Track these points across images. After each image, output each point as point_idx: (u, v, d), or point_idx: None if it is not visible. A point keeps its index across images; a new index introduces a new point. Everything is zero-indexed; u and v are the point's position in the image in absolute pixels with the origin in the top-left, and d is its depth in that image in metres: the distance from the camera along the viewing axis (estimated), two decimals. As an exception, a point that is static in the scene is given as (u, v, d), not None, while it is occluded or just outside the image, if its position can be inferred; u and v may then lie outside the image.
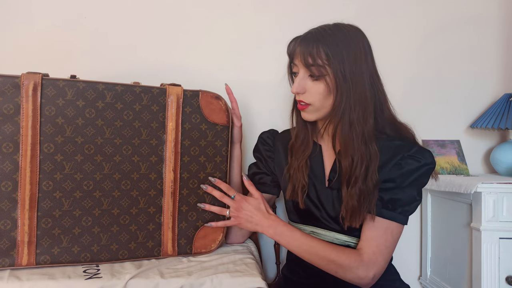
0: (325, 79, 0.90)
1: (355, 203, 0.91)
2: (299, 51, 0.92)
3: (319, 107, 0.94)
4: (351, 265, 0.90)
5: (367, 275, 0.90)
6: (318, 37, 0.90)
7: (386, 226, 0.92)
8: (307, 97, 0.94)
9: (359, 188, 0.91)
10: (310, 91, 0.93)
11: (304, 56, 0.90)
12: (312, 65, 0.90)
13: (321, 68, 0.90)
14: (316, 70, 0.90)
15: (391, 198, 0.92)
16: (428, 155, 0.93)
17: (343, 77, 0.89)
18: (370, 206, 0.91)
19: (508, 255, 1.20)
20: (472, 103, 1.56)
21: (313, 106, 0.94)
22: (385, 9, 1.52)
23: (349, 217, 0.92)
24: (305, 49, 0.90)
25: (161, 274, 0.90)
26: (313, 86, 0.92)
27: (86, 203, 0.93)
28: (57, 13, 1.35)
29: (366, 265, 0.90)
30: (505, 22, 1.57)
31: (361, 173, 0.91)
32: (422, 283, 1.53)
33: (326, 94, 0.92)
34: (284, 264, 1.16)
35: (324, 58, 0.89)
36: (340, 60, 0.88)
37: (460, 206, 1.33)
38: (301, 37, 0.94)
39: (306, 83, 0.93)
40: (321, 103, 0.93)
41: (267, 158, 1.13)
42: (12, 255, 0.89)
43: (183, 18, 1.42)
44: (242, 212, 0.99)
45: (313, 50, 0.89)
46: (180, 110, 1.00)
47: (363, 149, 0.91)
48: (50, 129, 0.90)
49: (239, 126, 1.11)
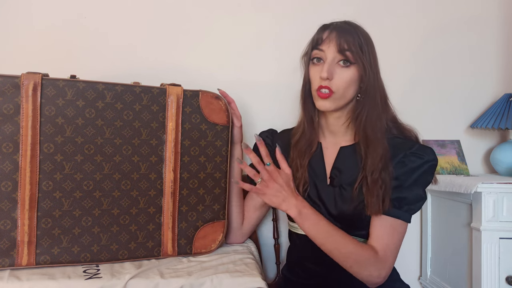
0: (355, 67, 0.93)
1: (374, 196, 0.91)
2: (334, 36, 0.93)
3: (341, 95, 0.95)
4: (369, 262, 0.90)
5: (379, 273, 0.90)
6: (354, 27, 0.95)
7: (393, 225, 0.92)
8: (334, 83, 0.94)
9: (381, 180, 0.92)
10: (338, 77, 0.94)
11: (340, 41, 0.93)
12: (347, 50, 0.92)
13: (356, 55, 0.93)
14: (351, 56, 0.92)
15: (398, 196, 0.93)
16: (430, 152, 0.95)
17: (370, 69, 0.94)
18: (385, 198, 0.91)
19: (508, 255, 1.20)
20: (472, 103, 1.56)
21: (336, 94, 0.94)
22: (385, 9, 1.52)
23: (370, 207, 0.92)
24: (343, 34, 0.93)
25: (161, 274, 0.90)
26: (341, 73, 0.93)
27: (86, 203, 0.93)
28: (57, 13, 1.35)
29: (380, 263, 0.91)
30: (505, 22, 1.57)
31: (379, 167, 0.93)
32: (422, 283, 1.53)
33: (353, 82, 0.94)
34: (284, 264, 1.16)
35: (358, 47, 0.93)
36: (370, 53, 0.94)
37: (460, 206, 1.33)
38: (334, 24, 0.96)
39: (335, 69, 0.94)
40: (345, 91, 0.94)
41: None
42: (12, 255, 0.89)
43: (183, 18, 1.42)
44: (272, 183, 0.94)
45: (351, 37, 0.93)
46: (180, 110, 1.00)
47: (384, 143, 0.94)
48: (50, 129, 0.90)
49: (239, 126, 1.11)
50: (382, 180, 0.92)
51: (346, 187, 0.97)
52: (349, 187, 0.96)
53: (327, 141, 1.04)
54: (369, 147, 0.94)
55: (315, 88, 0.96)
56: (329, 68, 0.92)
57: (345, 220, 0.97)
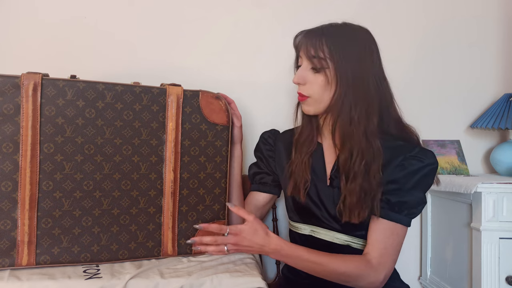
0: (325, 72, 0.92)
1: (353, 199, 0.91)
2: (303, 43, 0.94)
3: (318, 99, 0.95)
4: (362, 274, 0.89)
5: (377, 279, 0.90)
6: (323, 31, 0.94)
7: (392, 228, 0.92)
8: (307, 89, 0.95)
9: (360, 185, 0.91)
10: (310, 83, 0.95)
11: (307, 48, 0.93)
12: (314, 57, 0.92)
13: (323, 61, 0.92)
14: (317, 62, 0.92)
15: (399, 201, 0.92)
16: (430, 155, 0.94)
17: (344, 73, 0.91)
18: (372, 205, 0.91)
19: (508, 255, 1.20)
20: (472, 103, 1.56)
21: (312, 98, 0.95)
22: (385, 9, 1.52)
23: (347, 212, 0.92)
24: (309, 40, 0.93)
25: (161, 274, 0.90)
26: (314, 78, 0.94)
27: (86, 203, 0.93)
28: (57, 13, 1.35)
29: (376, 269, 0.90)
30: (505, 22, 1.57)
31: (360, 169, 0.91)
32: (422, 283, 1.53)
33: (325, 86, 0.93)
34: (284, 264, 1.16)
35: (327, 51, 0.91)
36: (342, 56, 0.91)
37: (460, 206, 1.33)
38: (307, 30, 0.97)
39: (308, 75, 0.94)
40: (320, 95, 0.94)
41: (268, 158, 1.13)
42: (12, 255, 0.89)
43: (183, 18, 1.42)
44: (240, 246, 0.89)
45: (316, 42, 0.92)
46: (180, 110, 1.00)
47: (363, 144, 0.91)
48: (50, 129, 0.90)
49: (239, 126, 1.11)
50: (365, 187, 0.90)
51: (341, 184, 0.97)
52: None
53: (327, 142, 1.04)
54: (343, 147, 0.93)
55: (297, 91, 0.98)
56: (301, 74, 0.95)
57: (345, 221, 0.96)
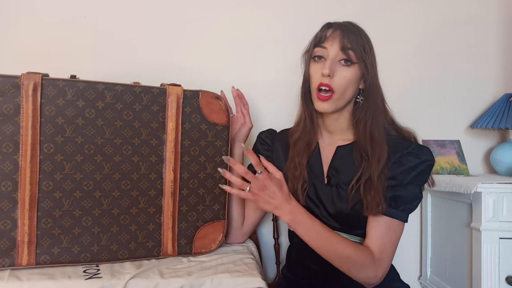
0: (356, 67, 0.94)
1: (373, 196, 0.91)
2: (338, 34, 0.94)
3: (341, 95, 0.95)
4: (366, 264, 0.90)
5: (376, 274, 0.91)
6: (357, 28, 0.97)
7: (389, 224, 0.92)
8: (334, 81, 0.93)
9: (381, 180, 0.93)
10: (338, 76, 0.94)
11: (343, 40, 0.93)
12: (350, 49, 0.93)
13: (358, 54, 0.93)
14: (353, 54, 0.93)
15: (394, 195, 0.93)
16: (427, 152, 0.95)
17: (372, 70, 0.95)
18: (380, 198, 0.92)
19: (508, 255, 1.20)
20: (472, 103, 1.56)
21: (336, 93, 0.94)
22: (385, 9, 1.52)
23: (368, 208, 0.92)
24: (347, 33, 0.94)
25: (161, 274, 0.90)
26: (342, 71, 0.94)
27: (86, 203, 0.93)
28: (57, 13, 1.35)
29: (376, 264, 0.91)
30: (505, 22, 1.57)
31: (379, 167, 0.93)
32: (422, 283, 1.53)
33: (353, 81, 0.94)
34: (284, 264, 1.16)
35: (361, 47, 0.93)
36: (371, 55, 0.95)
37: (460, 206, 1.33)
38: (338, 23, 0.97)
39: (336, 67, 0.94)
40: (345, 90, 0.94)
41: (266, 158, 1.13)
42: (12, 255, 0.89)
43: (183, 18, 1.42)
44: (264, 191, 0.89)
45: (354, 37, 0.94)
46: (180, 110, 1.00)
47: (384, 144, 0.95)
48: (50, 129, 0.90)
49: (250, 127, 1.14)
50: (381, 181, 0.92)
51: (343, 186, 0.97)
52: (346, 186, 0.97)
53: (324, 141, 1.04)
54: (374, 149, 0.94)
55: (315, 86, 0.95)
56: (331, 65, 0.92)
57: (343, 219, 0.97)
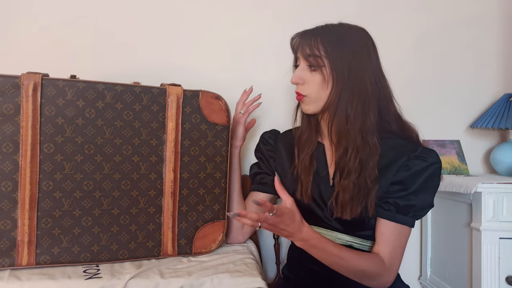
0: (322, 70, 0.93)
1: (346, 196, 0.92)
2: (299, 43, 0.96)
3: (315, 98, 0.96)
4: (379, 273, 0.90)
5: (388, 279, 0.91)
6: (318, 30, 0.95)
7: (399, 230, 0.93)
8: (304, 88, 0.96)
9: (353, 182, 0.91)
10: (307, 82, 0.96)
11: (303, 47, 0.94)
12: (310, 56, 0.93)
13: (318, 59, 0.93)
14: (313, 60, 0.93)
15: (406, 204, 0.92)
16: (433, 154, 0.94)
17: (340, 70, 0.92)
18: (366, 202, 0.92)
19: (508, 255, 1.20)
20: (472, 103, 1.56)
21: (309, 98, 0.96)
22: (385, 10, 1.52)
23: (339, 209, 0.93)
24: (305, 40, 0.95)
25: (161, 274, 0.90)
26: (310, 77, 0.95)
27: (86, 203, 0.93)
28: (57, 13, 1.35)
29: (388, 270, 0.91)
30: (505, 22, 1.57)
31: (355, 166, 0.92)
32: (422, 283, 1.53)
33: (321, 84, 0.94)
34: (284, 264, 1.16)
35: (322, 49, 0.92)
36: (338, 54, 0.92)
37: (460, 206, 1.33)
38: (303, 31, 0.98)
39: (305, 74, 0.96)
40: (317, 94, 0.95)
41: (269, 158, 1.13)
42: (12, 255, 0.89)
43: (183, 18, 1.42)
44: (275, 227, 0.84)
45: (311, 41, 0.93)
46: (180, 110, 1.00)
47: (359, 141, 0.92)
48: (50, 129, 0.90)
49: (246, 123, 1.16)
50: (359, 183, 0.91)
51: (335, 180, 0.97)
52: None
53: (328, 143, 1.04)
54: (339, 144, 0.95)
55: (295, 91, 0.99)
56: (298, 73, 0.96)
57: (347, 221, 0.97)
